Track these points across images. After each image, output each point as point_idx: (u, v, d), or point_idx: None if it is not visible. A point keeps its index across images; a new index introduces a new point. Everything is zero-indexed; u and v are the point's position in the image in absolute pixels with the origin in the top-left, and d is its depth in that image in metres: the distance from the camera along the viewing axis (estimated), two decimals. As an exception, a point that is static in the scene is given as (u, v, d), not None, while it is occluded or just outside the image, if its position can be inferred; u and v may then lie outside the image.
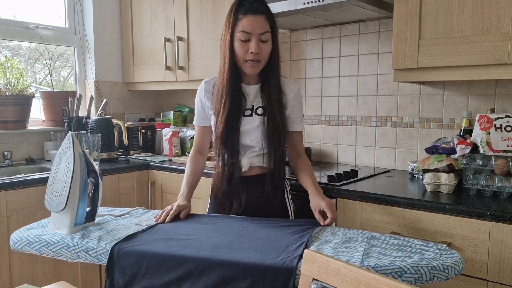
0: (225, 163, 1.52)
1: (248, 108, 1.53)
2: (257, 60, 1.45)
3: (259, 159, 1.54)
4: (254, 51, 1.42)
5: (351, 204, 1.65)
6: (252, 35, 1.42)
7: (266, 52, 1.46)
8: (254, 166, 1.54)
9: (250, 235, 1.25)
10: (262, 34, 1.42)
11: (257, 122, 1.51)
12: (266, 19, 1.44)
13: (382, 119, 2.20)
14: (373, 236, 1.23)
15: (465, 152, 1.64)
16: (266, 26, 1.43)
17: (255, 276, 1.04)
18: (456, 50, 1.61)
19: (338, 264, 0.84)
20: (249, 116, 1.53)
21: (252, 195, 1.53)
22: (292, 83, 1.61)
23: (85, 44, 2.84)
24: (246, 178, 1.53)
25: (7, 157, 2.36)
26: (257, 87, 1.55)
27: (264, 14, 1.43)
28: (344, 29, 2.29)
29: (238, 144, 1.52)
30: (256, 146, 1.52)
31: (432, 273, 1.01)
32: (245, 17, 1.42)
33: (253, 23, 1.41)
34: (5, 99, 2.36)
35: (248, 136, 1.52)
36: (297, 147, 1.64)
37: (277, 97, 1.50)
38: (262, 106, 1.53)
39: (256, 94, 1.54)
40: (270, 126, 1.49)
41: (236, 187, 1.52)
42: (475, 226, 1.37)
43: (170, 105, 3.23)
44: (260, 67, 1.48)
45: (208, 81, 1.61)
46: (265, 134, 1.50)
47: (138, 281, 1.12)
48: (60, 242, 1.22)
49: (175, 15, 2.59)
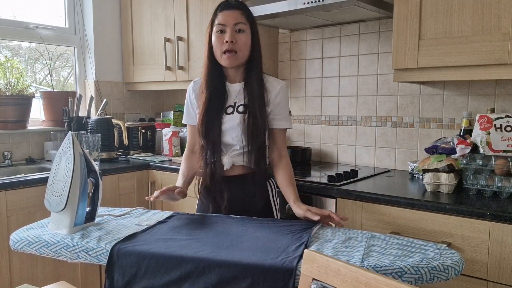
0: (207, 161, 1.53)
1: (230, 105, 1.54)
2: (234, 50, 1.46)
3: (241, 158, 1.54)
4: (229, 39, 1.45)
5: (351, 204, 1.65)
6: (227, 26, 1.47)
7: (242, 43, 1.47)
8: (236, 165, 1.54)
9: (250, 235, 1.25)
10: (236, 24, 1.46)
11: (238, 120, 1.51)
12: (242, 14, 1.48)
13: (382, 119, 2.20)
14: (373, 236, 1.23)
15: (465, 152, 1.64)
16: (241, 18, 1.48)
17: (255, 276, 1.03)
18: (456, 50, 1.61)
19: (338, 264, 0.84)
20: (230, 114, 1.53)
21: (235, 194, 1.53)
22: (277, 81, 1.59)
23: (85, 44, 2.84)
24: (228, 177, 1.53)
25: (7, 157, 2.36)
26: (240, 85, 1.55)
27: (239, 9, 1.48)
28: (344, 29, 2.29)
29: (220, 142, 1.53)
30: (237, 144, 1.52)
31: (432, 273, 1.01)
32: (220, 13, 1.49)
33: (227, 15, 1.47)
34: (5, 99, 2.36)
35: (229, 134, 1.52)
36: (278, 146, 1.58)
37: (258, 94, 1.50)
38: (244, 104, 1.53)
39: (239, 92, 1.55)
40: (250, 124, 1.49)
41: (218, 186, 1.52)
42: (475, 226, 1.37)
43: (170, 105, 3.23)
44: (237, 59, 1.48)
45: (196, 81, 1.63)
46: (245, 132, 1.50)
47: (138, 281, 1.12)
48: (60, 242, 1.22)
49: (175, 15, 2.59)
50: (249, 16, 1.51)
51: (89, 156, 1.34)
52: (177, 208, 2.25)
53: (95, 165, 1.36)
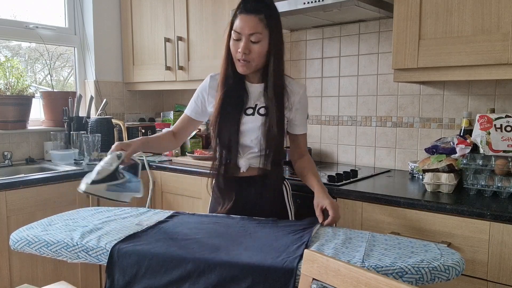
0: (223, 162, 1.50)
1: (251, 106, 1.51)
2: (247, 60, 1.43)
3: (257, 160, 1.52)
4: (241, 51, 1.41)
5: (351, 204, 1.65)
6: (242, 35, 1.41)
7: (256, 54, 1.42)
8: (252, 167, 1.53)
9: (250, 235, 1.25)
10: (251, 35, 1.40)
11: (259, 122, 1.49)
12: (261, 19, 1.40)
13: (382, 119, 2.20)
14: (374, 236, 1.23)
15: (465, 152, 1.64)
16: (257, 27, 1.40)
17: (255, 277, 1.03)
18: (456, 50, 1.61)
19: (338, 264, 0.84)
20: (250, 115, 1.50)
21: (249, 195, 1.52)
22: (298, 84, 1.56)
23: (85, 44, 2.84)
24: (243, 178, 1.52)
25: (7, 157, 2.36)
26: (261, 86, 1.52)
27: (258, 14, 1.39)
28: (344, 29, 2.29)
29: (237, 143, 1.50)
30: (255, 147, 1.50)
31: (433, 273, 1.00)
32: (239, 15, 1.41)
33: (243, 23, 1.40)
34: (5, 99, 2.36)
35: (248, 135, 1.50)
36: (300, 148, 1.62)
37: (277, 98, 1.47)
38: (265, 106, 1.50)
39: (260, 94, 1.51)
40: (269, 127, 1.47)
41: (233, 187, 1.51)
42: (475, 226, 1.37)
43: (170, 105, 3.23)
44: (251, 67, 1.45)
45: (214, 76, 1.58)
46: (265, 135, 1.48)
47: (138, 281, 1.12)
48: (59, 242, 1.22)
49: (175, 15, 2.59)
50: (269, 20, 1.42)
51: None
52: (178, 208, 2.25)
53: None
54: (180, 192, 2.26)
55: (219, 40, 2.39)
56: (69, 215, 1.46)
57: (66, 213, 1.48)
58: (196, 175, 2.16)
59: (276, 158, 1.51)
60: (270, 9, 1.44)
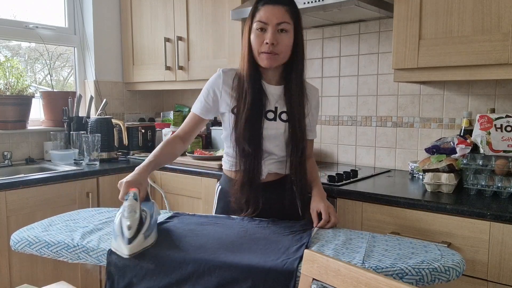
0: (245, 168, 1.40)
1: (271, 110, 1.43)
2: (274, 52, 1.35)
3: (276, 166, 1.47)
4: (269, 41, 1.33)
5: (351, 204, 1.64)
6: (269, 25, 1.33)
7: (284, 45, 1.35)
8: (270, 172, 1.47)
9: (250, 236, 1.24)
10: (279, 23, 1.33)
11: (282, 129, 1.43)
12: (287, 10, 1.35)
13: (382, 119, 2.20)
14: (374, 237, 1.23)
15: (465, 152, 1.64)
16: (285, 16, 1.34)
17: (255, 278, 1.03)
18: (456, 50, 1.61)
19: (338, 264, 0.84)
20: (272, 120, 1.43)
21: (268, 200, 1.44)
22: (314, 87, 1.53)
23: (85, 44, 2.84)
24: (264, 183, 1.44)
25: (7, 157, 2.36)
26: (280, 89, 1.45)
27: (284, 5, 1.35)
28: (344, 29, 2.28)
29: (261, 149, 1.42)
30: (277, 153, 1.45)
31: (434, 274, 1.00)
32: (263, 7, 1.35)
33: (270, 13, 1.33)
34: (5, 99, 2.36)
35: (271, 141, 1.43)
36: (309, 154, 1.56)
37: (299, 102, 1.42)
38: (286, 112, 1.43)
39: (279, 96, 1.44)
40: (291, 134, 1.42)
41: (254, 193, 1.41)
42: (475, 226, 1.37)
43: (170, 105, 3.23)
44: (277, 60, 1.37)
45: (226, 72, 1.47)
46: (288, 142, 1.43)
47: (138, 283, 1.12)
48: (60, 243, 1.22)
49: (175, 15, 2.59)
50: (295, 13, 1.37)
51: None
52: (178, 208, 2.25)
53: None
54: (180, 192, 2.25)
55: (219, 40, 2.39)
56: (70, 216, 1.45)
57: (66, 214, 1.48)
58: (196, 175, 2.16)
59: (300, 165, 1.45)
60: (293, 3, 1.39)
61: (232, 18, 2.17)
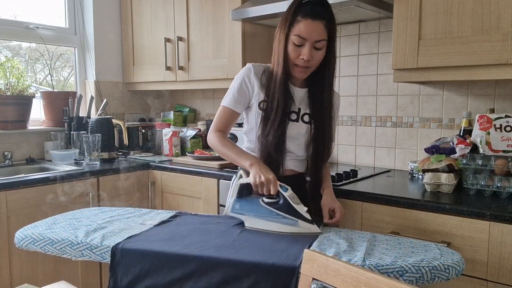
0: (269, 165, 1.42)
1: (294, 111, 1.48)
2: (307, 66, 1.40)
3: (293, 163, 1.52)
4: (306, 58, 1.37)
5: (351, 204, 1.65)
6: (307, 41, 1.36)
7: (317, 60, 1.41)
8: (286, 168, 1.50)
9: (253, 234, 1.25)
10: (317, 42, 1.36)
11: (303, 130, 1.48)
12: (325, 26, 1.36)
13: (382, 119, 2.21)
14: (375, 236, 1.24)
15: (465, 152, 1.64)
16: (323, 33, 1.37)
17: (258, 275, 1.04)
18: (456, 50, 1.61)
19: (338, 264, 0.84)
20: (295, 121, 1.48)
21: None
22: (337, 94, 1.57)
23: (85, 44, 2.84)
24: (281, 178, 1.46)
25: (7, 157, 2.36)
26: (304, 91, 1.49)
27: (324, 20, 1.36)
28: (344, 29, 2.29)
29: (285, 148, 1.46)
30: (296, 152, 1.50)
31: (433, 273, 1.01)
32: (303, 20, 1.35)
33: (310, 28, 1.34)
34: (5, 99, 2.36)
35: (293, 141, 1.48)
36: None
37: (327, 106, 1.46)
38: (309, 114, 1.48)
39: (302, 99, 1.49)
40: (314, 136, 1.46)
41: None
42: (475, 226, 1.37)
43: (170, 105, 3.23)
44: (308, 72, 1.44)
45: (256, 67, 1.51)
46: (308, 143, 1.48)
47: (141, 280, 1.13)
48: (64, 240, 1.22)
49: (175, 15, 2.59)
50: (331, 27, 1.39)
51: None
52: (178, 208, 2.26)
53: None
54: (180, 192, 2.26)
55: (219, 40, 2.39)
56: (73, 215, 1.46)
57: (70, 213, 1.49)
58: (196, 175, 2.16)
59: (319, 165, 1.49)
60: (331, 15, 1.40)
61: (232, 18, 2.18)
